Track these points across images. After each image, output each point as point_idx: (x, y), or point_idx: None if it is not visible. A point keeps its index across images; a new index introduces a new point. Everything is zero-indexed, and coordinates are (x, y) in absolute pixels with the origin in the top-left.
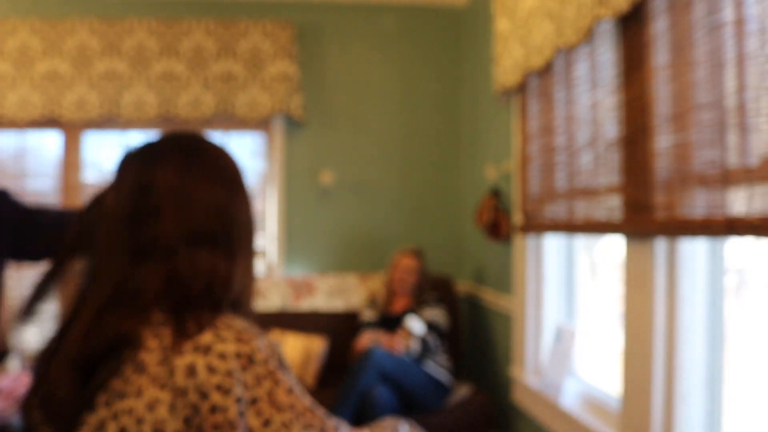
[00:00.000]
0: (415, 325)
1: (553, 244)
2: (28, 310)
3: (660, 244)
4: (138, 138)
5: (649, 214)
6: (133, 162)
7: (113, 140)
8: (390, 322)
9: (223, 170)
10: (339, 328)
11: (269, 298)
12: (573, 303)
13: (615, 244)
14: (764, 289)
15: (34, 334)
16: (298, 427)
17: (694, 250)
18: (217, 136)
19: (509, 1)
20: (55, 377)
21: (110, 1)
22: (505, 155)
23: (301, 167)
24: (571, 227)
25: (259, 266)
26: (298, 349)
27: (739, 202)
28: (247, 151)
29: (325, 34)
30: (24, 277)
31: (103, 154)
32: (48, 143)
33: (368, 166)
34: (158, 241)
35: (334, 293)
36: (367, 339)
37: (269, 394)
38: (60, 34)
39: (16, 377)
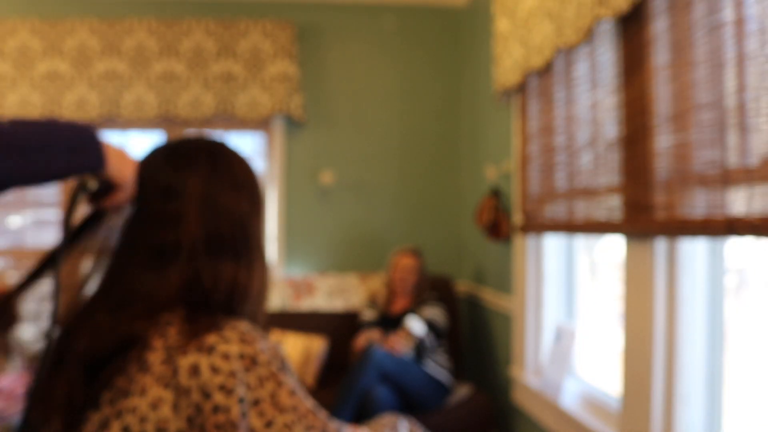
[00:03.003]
0: (415, 325)
1: (553, 244)
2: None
3: (660, 244)
4: (138, 138)
5: (649, 214)
6: (159, 163)
7: (113, 140)
8: (390, 322)
9: (246, 180)
10: (339, 328)
11: (269, 298)
12: (573, 303)
13: (615, 244)
14: (764, 289)
15: (33, 333)
16: (300, 428)
17: (694, 250)
18: (217, 136)
19: (509, 1)
20: (62, 376)
21: (110, 1)
22: (505, 155)
23: (301, 167)
24: (571, 227)
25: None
26: (298, 349)
27: (739, 202)
28: (247, 151)
29: (325, 34)
30: None
31: None
32: None
33: (368, 166)
34: (180, 245)
35: (334, 293)
36: (363, 338)
37: (272, 396)
38: (60, 34)
39: (16, 377)
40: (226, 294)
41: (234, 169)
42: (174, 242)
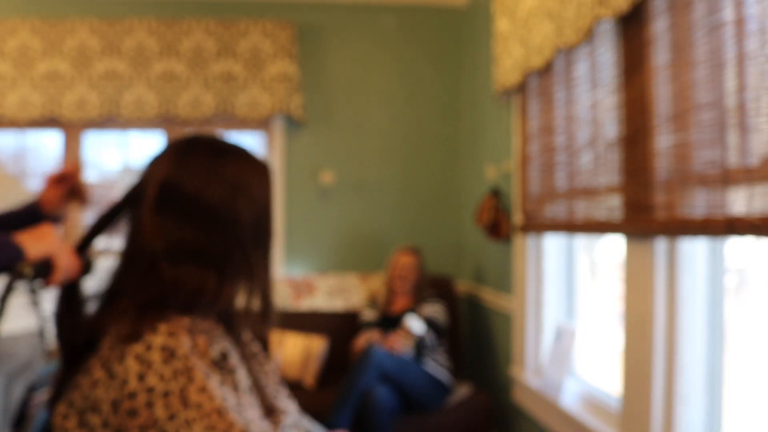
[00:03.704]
0: (415, 324)
1: (553, 244)
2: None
3: (660, 244)
4: (138, 138)
5: (649, 214)
6: (162, 163)
7: (113, 140)
8: (390, 322)
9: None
10: (339, 328)
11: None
12: (573, 303)
13: (615, 244)
14: (764, 289)
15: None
16: (200, 427)
17: (694, 250)
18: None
19: (509, 1)
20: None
21: (110, 1)
22: (505, 155)
23: (301, 167)
24: (571, 227)
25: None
26: (298, 349)
27: (739, 202)
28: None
29: (325, 34)
30: None
31: (103, 154)
32: (48, 143)
33: (368, 166)
34: (144, 251)
35: (334, 293)
36: (363, 339)
37: (182, 390)
38: (60, 34)
39: None
40: (186, 295)
41: (220, 171)
42: (139, 248)
